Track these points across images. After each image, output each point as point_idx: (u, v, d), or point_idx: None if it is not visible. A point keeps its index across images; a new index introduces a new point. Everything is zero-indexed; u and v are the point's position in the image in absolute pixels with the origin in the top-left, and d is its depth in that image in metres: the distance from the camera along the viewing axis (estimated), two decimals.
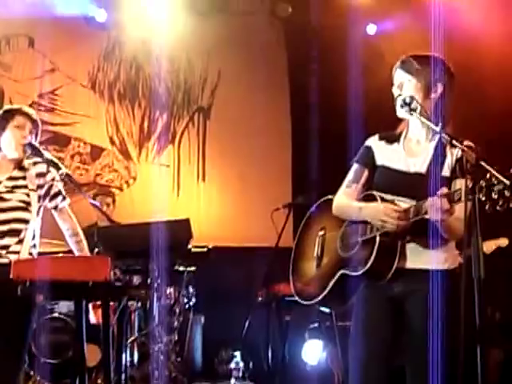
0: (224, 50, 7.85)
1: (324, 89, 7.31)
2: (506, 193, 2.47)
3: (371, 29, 7.79)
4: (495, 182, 2.49)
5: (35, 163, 3.95)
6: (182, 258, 4.01)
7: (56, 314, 5.73)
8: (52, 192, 3.96)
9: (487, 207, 2.52)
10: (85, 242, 4.03)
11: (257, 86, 7.95)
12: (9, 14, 7.28)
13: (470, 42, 6.37)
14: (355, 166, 3.27)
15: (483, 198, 2.52)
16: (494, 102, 6.39)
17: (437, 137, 3.02)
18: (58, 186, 3.98)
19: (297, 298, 3.45)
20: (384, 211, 2.94)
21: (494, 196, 2.50)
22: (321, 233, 3.41)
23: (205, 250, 3.87)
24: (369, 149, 3.24)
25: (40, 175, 3.94)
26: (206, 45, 7.72)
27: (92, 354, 5.15)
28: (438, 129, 2.84)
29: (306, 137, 7.70)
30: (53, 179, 3.95)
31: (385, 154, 3.19)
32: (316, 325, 6.51)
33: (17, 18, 7.35)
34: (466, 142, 2.72)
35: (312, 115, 7.56)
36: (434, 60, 3.09)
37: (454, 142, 2.70)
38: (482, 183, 2.53)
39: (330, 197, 3.38)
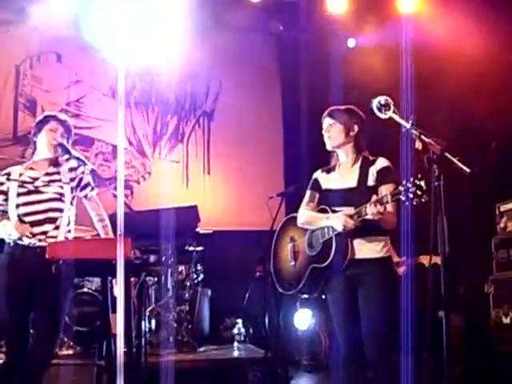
0: (225, 63, 7.85)
1: (312, 94, 7.32)
2: (418, 192, 2.98)
3: (351, 42, 7.78)
4: (410, 185, 3.01)
5: (67, 159, 3.96)
6: (191, 239, 4.02)
7: (85, 289, 5.74)
8: (82, 183, 3.95)
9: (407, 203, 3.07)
10: (110, 227, 4.04)
11: (253, 92, 7.96)
12: (40, 33, 7.28)
13: (438, 53, 6.37)
14: (309, 192, 3.81)
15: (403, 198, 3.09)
16: (457, 105, 6.40)
17: (359, 160, 3.64)
18: (88, 178, 4.00)
19: (281, 291, 3.95)
20: (343, 219, 3.43)
21: (411, 196, 3.02)
22: (291, 242, 3.93)
23: (211, 231, 3.89)
24: (315, 180, 3.81)
25: (72, 169, 3.94)
26: (209, 58, 7.71)
27: (116, 323, 5.15)
28: (408, 125, 2.86)
29: (295, 135, 7.74)
30: (83, 172, 3.95)
31: (326, 181, 3.75)
32: (306, 296, 6.52)
33: (46, 37, 7.33)
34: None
35: (301, 118, 7.58)
36: (351, 110, 3.71)
37: (422, 136, 2.73)
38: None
39: (293, 215, 3.90)
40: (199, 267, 6.53)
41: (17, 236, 3.63)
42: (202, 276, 6.58)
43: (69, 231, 3.85)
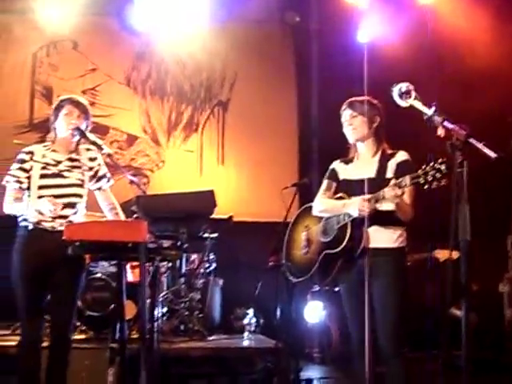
0: (240, 53, 7.79)
1: (327, 85, 7.28)
2: (437, 175, 2.99)
3: (368, 33, 7.67)
4: (429, 169, 3.02)
5: (88, 149, 3.97)
6: (207, 224, 3.96)
7: (99, 275, 5.74)
8: (98, 175, 3.99)
9: (426, 187, 3.05)
10: (122, 214, 4.04)
11: (268, 82, 7.92)
12: (56, 21, 7.29)
13: (458, 42, 6.32)
14: (326, 181, 3.81)
15: (422, 182, 3.07)
16: (479, 94, 6.35)
17: (379, 152, 3.62)
18: (104, 169, 4.03)
19: (292, 279, 3.95)
20: (360, 203, 3.39)
21: (430, 179, 3.02)
22: (305, 230, 3.90)
23: (227, 217, 3.83)
24: (333, 169, 3.79)
25: (91, 159, 3.97)
26: (225, 48, 7.67)
27: (128, 309, 5.15)
28: (430, 112, 2.81)
29: (310, 126, 7.71)
30: (99, 164, 4.00)
31: (344, 171, 3.74)
32: (317, 288, 6.50)
33: (62, 24, 7.33)
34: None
35: (315, 108, 7.55)
36: (371, 102, 3.66)
37: (445, 122, 2.68)
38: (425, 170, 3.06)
39: (308, 204, 3.91)
40: (212, 256, 6.51)
41: (50, 209, 3.59)
42: (214, 265, 6.57)
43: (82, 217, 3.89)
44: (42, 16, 7.29)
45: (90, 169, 3.94)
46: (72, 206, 3.80)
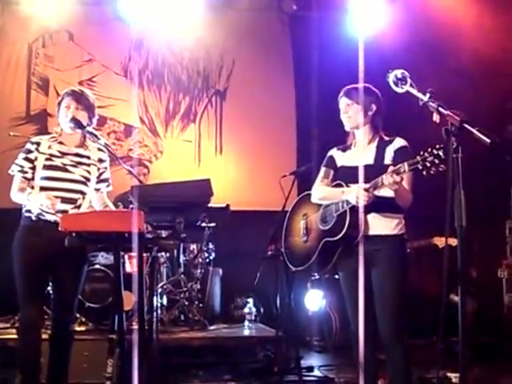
0: (237, 41, 7.77)
1: (325, 73, 7.27)
2: (436, 160, 2.98)
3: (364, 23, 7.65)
4: (427, 154, 3.01)
5: (99, 149, 3.99)
6: (205, 213, 3.91)
7: (97, 266, 5.74)
8: (102, 177, 4.00)
9: (424, 173, 3.05)
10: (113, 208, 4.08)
11: (266, 71, 7.89)
12: (52, 12, 7.26)
13: (458, 31, 6.31)
14: (324, 169, 3.80)
15: (421, 168, 3.06)
16: (480, 81, 6.36)
17: (376, 139, 3.61)
18: (107, 174, 4.04)
19: (292, 268, 3.94)
20: (358, 191, 3.39)
21: (428, 164, 3.00)
22: (304, 218, 3.91)
23: (224, 205, 3.80)
24: (331, 157, 3.79)
25: (100, 161, 3.98)
26: (222, 37, 7.64)
27: (127, 300, 5.15)
28: (425, 98, 2.80)
29: (307, 115, 7.70)
30: (106, 167, 4.02)
31: (342, 158, 3.73)
32: (317, 276, 6.51)
33: (58, 15, 7.30)
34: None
35: (313, 97, 7.53)
36: (368, 89, 3.63)
37: (440, 108, 2.67)
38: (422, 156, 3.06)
39: (307, 192, 3.90)
40: (211, 246, 6.52)
41: (46, 204, 3.61)
42: (213, 255, 6.58)
43: None
44: (36, 7, 7.25)
45: (98, 169, 3.96)
46: (72, 201, 3.81)
